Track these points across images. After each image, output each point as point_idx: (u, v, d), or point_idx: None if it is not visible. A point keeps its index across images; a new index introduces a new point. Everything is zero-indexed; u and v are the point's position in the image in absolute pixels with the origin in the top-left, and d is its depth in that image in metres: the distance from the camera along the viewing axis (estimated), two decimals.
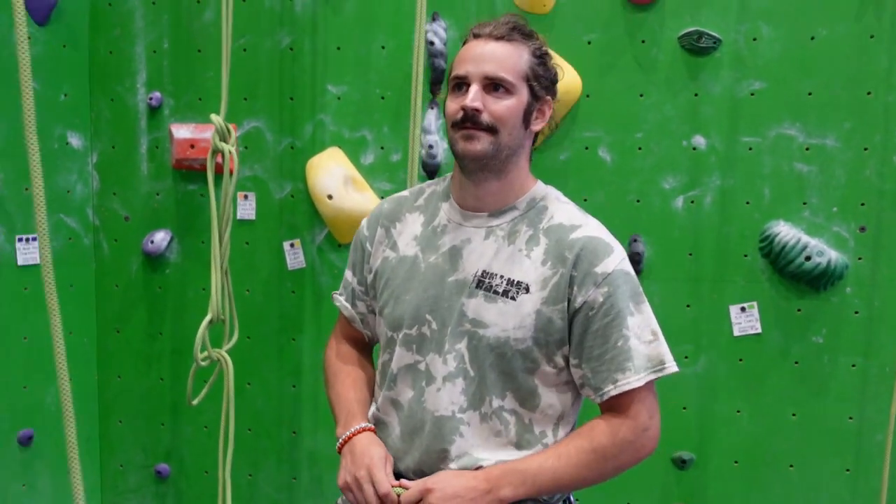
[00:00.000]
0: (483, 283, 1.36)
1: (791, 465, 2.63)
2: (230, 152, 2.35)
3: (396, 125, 2.65)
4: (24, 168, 2.73)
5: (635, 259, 2.57)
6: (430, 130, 2.63)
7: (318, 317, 2.81)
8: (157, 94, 2.83)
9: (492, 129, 1.34)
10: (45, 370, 2.82)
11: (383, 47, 2.70)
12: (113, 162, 2.91)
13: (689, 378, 2.61)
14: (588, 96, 2.61)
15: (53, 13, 2.74)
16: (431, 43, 2.54)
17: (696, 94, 2.55)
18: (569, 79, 2.56)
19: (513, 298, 1.34)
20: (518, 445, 1.39)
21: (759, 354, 2.60)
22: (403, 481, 1.37)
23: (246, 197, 2.82)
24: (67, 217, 2.82)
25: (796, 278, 2.52)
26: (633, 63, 2.58)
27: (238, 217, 2.79)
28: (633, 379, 1.34)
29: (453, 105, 1.37)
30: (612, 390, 1.35)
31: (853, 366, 2.55)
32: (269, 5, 2.75)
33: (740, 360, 2.60)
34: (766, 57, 2.49)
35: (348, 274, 1.59)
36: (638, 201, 2.61)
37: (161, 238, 2.86)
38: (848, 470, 2.59)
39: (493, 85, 1.34)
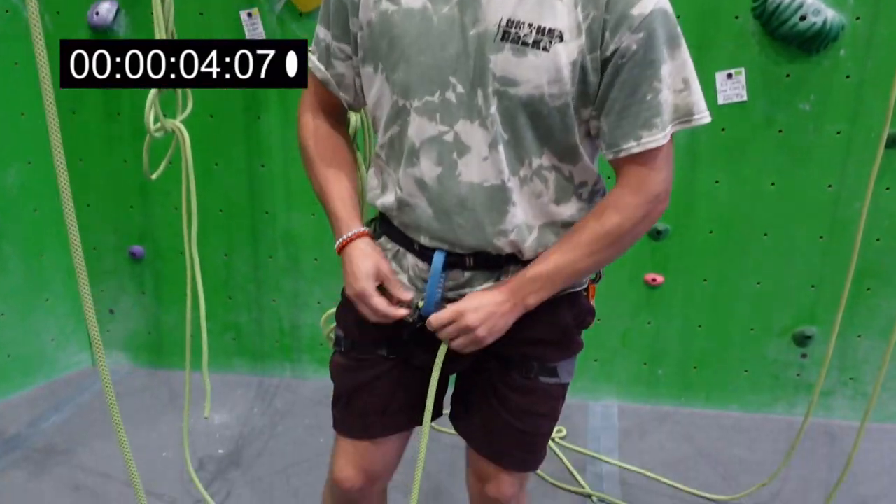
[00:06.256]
0: (509, 35, 1.17)
1: (765, 234, 2.63)
2: None
3: None
4: None
5: None
6: None
7: (284, 93, 2.66)
8: None
9: None
10: (3, 150, 2.71)
11: None
12: None
13: None
14: None
15: None
16: None
17: None
18: None
19: (545, 49, 1.17)
20: (557, 201, 1.30)
21: (742, 123, 2.51)
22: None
23: None
24: None
25: (788, 40, 2.37)
26: None
27: None
28: (658, 136, 1.20)
29: None
30: (633, 147, 1.21)
31: (838, 133, 2.47)
32: None
33: (723, 129, 2.52)
34: None
35: (320, 30, 1.38)
36: None
37: (107, 9, 2.63)
38: (821, 237, 2.61)
39: None
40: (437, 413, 1.48)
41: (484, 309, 1.27)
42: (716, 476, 2.50)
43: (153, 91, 1.98)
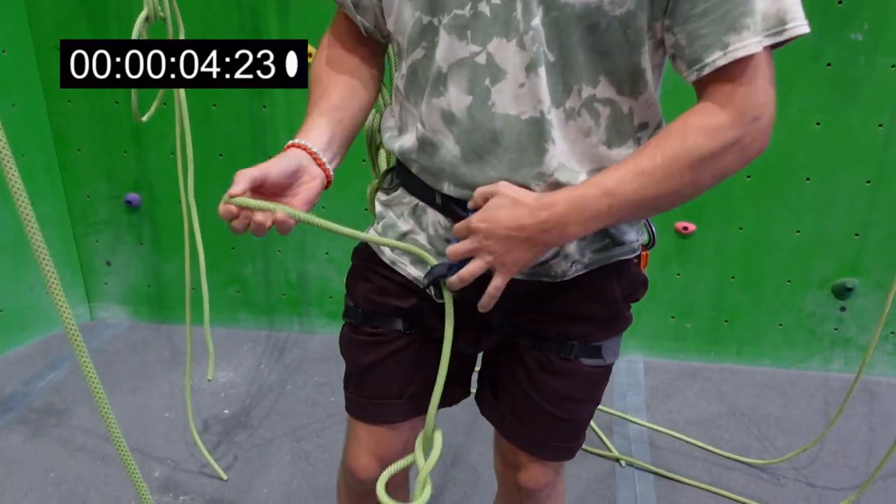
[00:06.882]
0: None
1: (808, 178, 2.44)
2: None
3: None
4: None
5: None
6: None
7: (286, 32, 2.45)
8: None
9: None
10: None
11: None
12: None
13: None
14: None
15: None
16: None
17: None
18: None
19: None
20: (609, 143, 1.06)
21: (787, 56, 2.23)
22: None
23: None
24: None
25: None
26: None
27: None
28: (750, 42, 0.93)
29: None
30: (719, 59, 0.94)
31: (892, 66, 2.26)
32: None
33: None
34: None
35: None
36: None
37: None
38: (868, 181, 2.41)
39: None
40: (463, 394, 1.32)
41: (502, 229, 1.01)
42: (750, 437, 2.35)
43: (140, 18, 1.77)
